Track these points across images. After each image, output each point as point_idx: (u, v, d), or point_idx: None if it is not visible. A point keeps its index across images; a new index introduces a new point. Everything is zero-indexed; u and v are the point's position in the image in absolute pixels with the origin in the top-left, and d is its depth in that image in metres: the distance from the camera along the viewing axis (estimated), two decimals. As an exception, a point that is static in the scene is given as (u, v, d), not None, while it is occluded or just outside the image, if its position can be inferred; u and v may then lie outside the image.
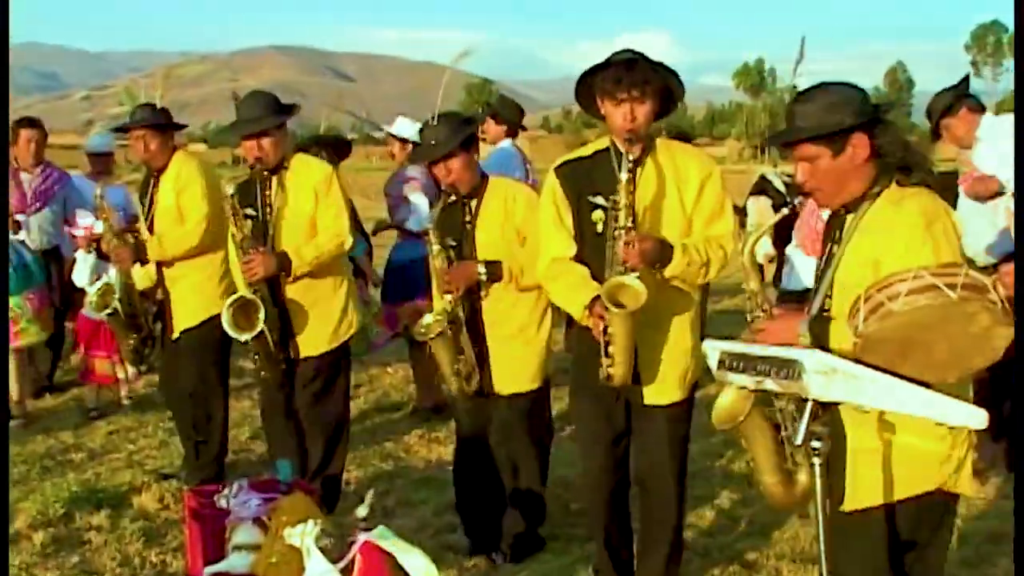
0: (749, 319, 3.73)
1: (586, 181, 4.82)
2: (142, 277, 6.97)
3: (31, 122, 9.27)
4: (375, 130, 14.45)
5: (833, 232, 3.65)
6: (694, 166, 4.73)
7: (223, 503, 4.89)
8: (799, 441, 3.05)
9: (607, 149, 4.78)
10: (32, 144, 9.04)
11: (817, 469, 3.04)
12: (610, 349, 4.59)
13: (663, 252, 4.58)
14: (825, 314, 3.50)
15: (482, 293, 5.55)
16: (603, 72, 4.65)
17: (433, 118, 5.62)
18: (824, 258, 3.66)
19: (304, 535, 4.05)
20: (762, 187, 12.83)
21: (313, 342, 6.23)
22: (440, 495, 6.50)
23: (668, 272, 4.63)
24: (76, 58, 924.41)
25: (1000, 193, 6.83)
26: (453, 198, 5.54)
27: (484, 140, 9.25)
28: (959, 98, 7.13)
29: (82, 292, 8.52)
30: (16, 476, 7.00)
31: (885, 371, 3.06)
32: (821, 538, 3.08)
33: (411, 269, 7.95)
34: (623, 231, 4.54)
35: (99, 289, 6.98)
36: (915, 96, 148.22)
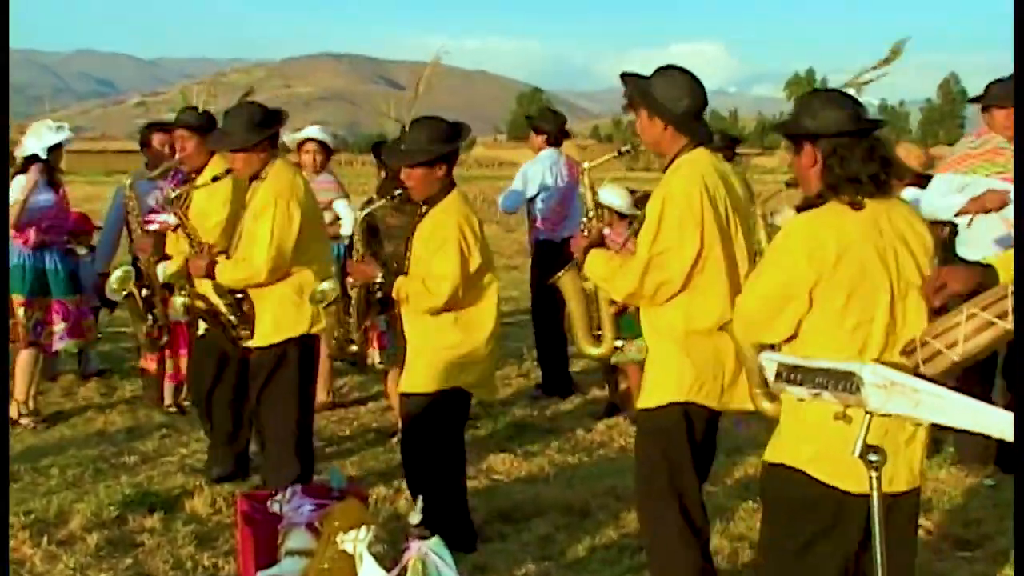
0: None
1: None
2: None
3: (163, 127, 8.61)
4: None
5: None
6: (663, 186, 4.74)
7: (276, 508, 4.93)
8: (856, 453, 3.04)
9: None
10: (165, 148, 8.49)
11: (874, 482, 3.03)
12: None
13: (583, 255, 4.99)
14: None
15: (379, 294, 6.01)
16: None
17: (405, 127, 5.79)
18: None
19: (357, 541, 4.07)
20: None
21: (259, 334, 6.44)
22: (489, 503, 6.51)
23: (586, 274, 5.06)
24: (131, 65, 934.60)
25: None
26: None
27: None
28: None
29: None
30: (71, 478, 7.08)
31: (941, 384, 3.06)
32: (877, 543, 3.07)
33: None
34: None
35: (120, 274, 7.09)
36: (968, 108, 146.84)
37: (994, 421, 3.06)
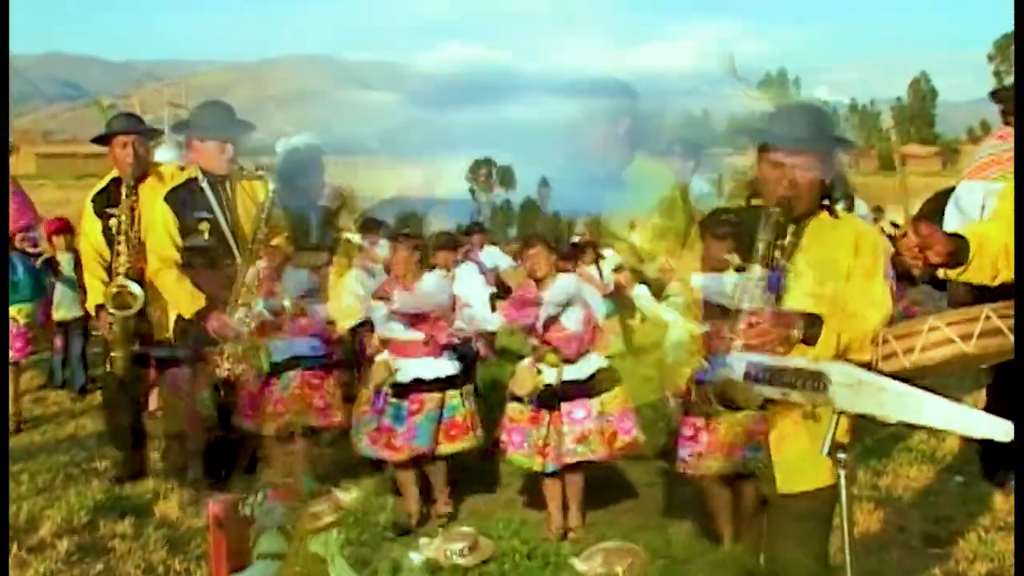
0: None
1: None
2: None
3: None
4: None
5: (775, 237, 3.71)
6: None
7: (247, 511, 4.91)
8: (825, 451, 3.04)
9: None
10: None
11: (843, 480, 3.04)
12: None
13: None
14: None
15: None
16: None
17: None
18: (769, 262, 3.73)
19: (328, 543, 4.07)
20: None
21: None
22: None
23: None
24: (100, 67, 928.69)
25: None
26: None
27: None
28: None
29: None
30: (41, 484, 7.04)
31: (909, 383, 3.06)
32: (847, 543, 3.08)
33: None
34: None
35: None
36: (938, 106, 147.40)
37: (962, 419, 3.06)
